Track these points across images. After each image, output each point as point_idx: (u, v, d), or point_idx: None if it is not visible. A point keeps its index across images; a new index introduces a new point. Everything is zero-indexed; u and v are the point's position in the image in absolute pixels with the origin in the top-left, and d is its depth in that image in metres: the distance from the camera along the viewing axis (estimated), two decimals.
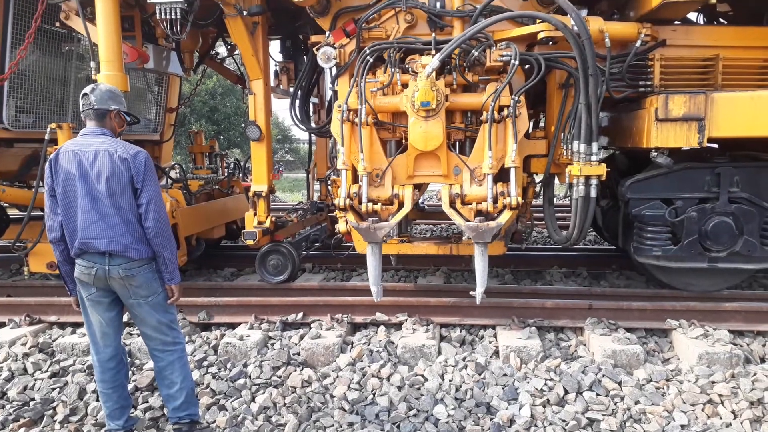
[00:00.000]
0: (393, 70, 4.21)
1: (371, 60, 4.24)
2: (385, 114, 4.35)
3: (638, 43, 4.31)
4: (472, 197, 4.12)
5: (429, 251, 4.74)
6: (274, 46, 6.46)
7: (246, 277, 6.20)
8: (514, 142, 3.98)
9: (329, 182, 5.55)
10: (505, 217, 3.95)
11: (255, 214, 5.42)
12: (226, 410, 3.50)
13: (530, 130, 4.74)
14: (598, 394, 3.57)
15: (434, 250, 4.72)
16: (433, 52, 4.16)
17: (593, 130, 4.01)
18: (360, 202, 4.11)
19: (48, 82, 5.97)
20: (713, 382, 3.61)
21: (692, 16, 5.24)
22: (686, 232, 4.54)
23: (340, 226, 4.58)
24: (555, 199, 5.08)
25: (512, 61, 4.02)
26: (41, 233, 5.22)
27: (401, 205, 4.15)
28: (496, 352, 4.12)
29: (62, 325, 4.77)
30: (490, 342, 4.27)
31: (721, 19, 5.42)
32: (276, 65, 6.23)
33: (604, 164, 4.09)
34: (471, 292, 4.13)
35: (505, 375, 3.80)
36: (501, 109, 4.07)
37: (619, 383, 3.68)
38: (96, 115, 2.97)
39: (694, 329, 4.20)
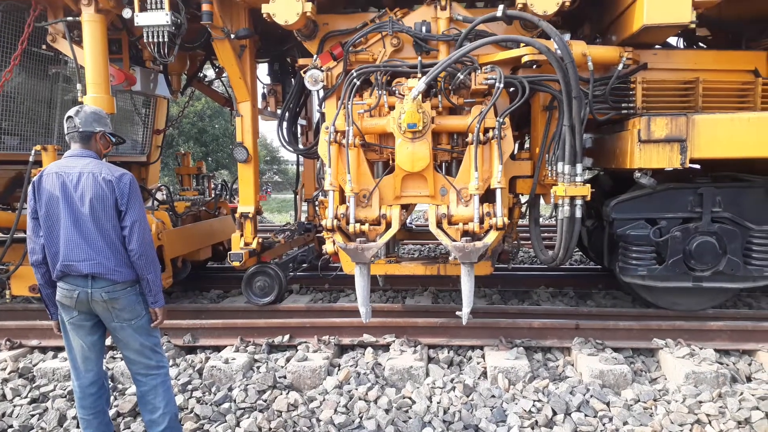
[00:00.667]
0: (380, 92, 4.25)
1: (358, 83, 4.28)
2: (372, 135, 4.38)
3: (620, 66, 4.39)
4: (458, 217, 4.14)
5: (416, 271, 4.73)
6: (262, 69, 6.50)
7: (232, 299, 6.14)
8: (499, 163, 4.02)
9: (317, 203, 5.54)
10: (492, 237, 3.97)
11: (242, 235, 5.40)
12: None
13: (515, 152, 4.79)
14: (586, 415, 3.56)
15: (422, 271, 4.71)
16: (419, 75, 4.21)
17: (577, 151, 4.06)
18: (347, 223, 4.12)
19: (34, 104, 5.95)
20: (700, 402, 3.61)
21: (672, 40, 5.37)
22: (670, 251, 4.58)
23: (328, 247, 4.57)
24: (541, 219, 5.09)
25: (497, 84, 4.07)
26: (24, 256, 5.16)
27: (389, 226, 4.16)
28: (484, 373, 4.11)
29: (44, 350, 4.68)
30: (478, 363, 4.25)
31: (701, 44, 5.55)
32: (264, 87, 6.26)
33: (588, 185, 4.14)
34: (457, 312, 4.12)
35: (493, 396, 3.77)
36: (486, 131, 4.11)
37: (607, 404, 3.66)
38: (81, 137, 2.95)
39: (681, 348, 4.22)
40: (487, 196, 4.17)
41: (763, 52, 4.70)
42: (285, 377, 4.07)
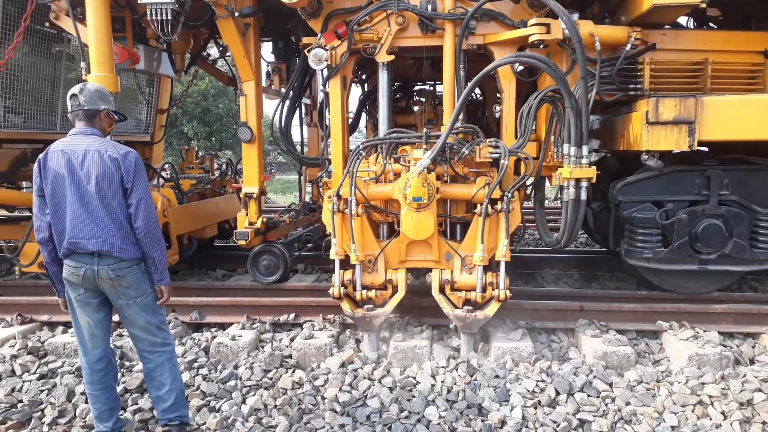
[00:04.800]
0: (384, 161, 4.22)
1: (364, 154, 4.25)
2: (378, 200, 4.35)
3: (628, 47, 4.33)
4: (461, 285, 4.16)
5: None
6: (267, 47, 6.45)
7: (238, 277, 6.18)
8: (505, 237, 3.98)
9: (320, 183, 5.52)
10: (493, 309, 4.03)
11: (246, 214, 5.42)
12: (217, 412, 3.48)
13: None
14: (589, 396, 3.58)
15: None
16: (424, 146, 4.14)
17: (583, 133, 4.03)
18: (354, 290, 4.15)
19: (38, 83, 5.92)
20: (703, 384, 3.63)
21: (683, 20, 5.29)
22: (677, 234, 4.57)
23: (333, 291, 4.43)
24: (546, 201, 5.07)
25: (502, 161, 4.02)
26: (29, 233, 5.19)
27: (395, 290, 4.19)
28: (488, 353, 4.13)
29: (53, 325, 4.74)
30: (483, 343, 4.27)
31: (711, 24, 5.47)
32: (268, 66, 6.22)
33: (594, 167, 4.11)
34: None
35: (496, 376, 3.80)
36: (494, 202, 4.07)
37: (610, 384, 3.69)
38: (86, 115, 2.95)
39: (685, 331, 4.23)
40: (491, 264, 4.16)
41: None
42: (290, 356, 4.10)
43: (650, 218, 4.57)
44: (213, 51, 7.70)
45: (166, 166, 7.02)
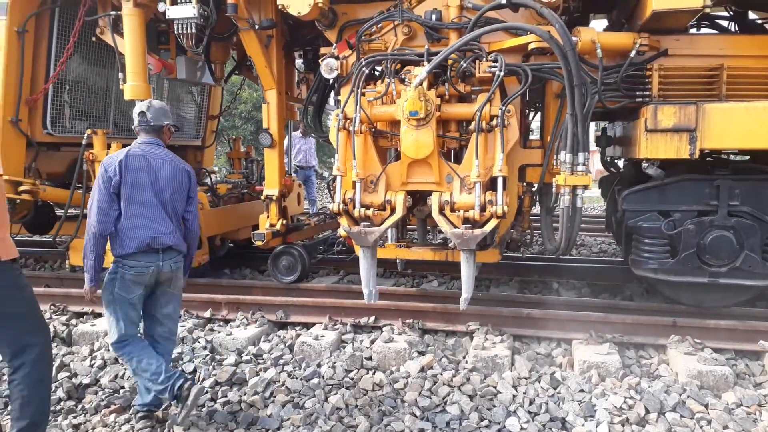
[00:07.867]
0: (389, 80, 4.25)
1: (366, 71, 4.29)
2: (384, 122, 4.38)
3: (633, 53, 4.24)
4: (460, 205, 4.11)
5: (425, 257, 4.77)
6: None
7: (320, 279, 6.33)
8: (501, 151, 3.96)
9: (331, 186, 5.66)
10: (491, 225, 3.96)
11: (267, 217, 5.64)
12: (301, 409, 3.52)
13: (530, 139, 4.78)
14: (682, 416, 3.40)
15: (430, 256, 4.72)
16: (425, 63, 4.15)
17: (579, 140, 3.96)
18: (354, 207, 4.18)
19: (98, 91, 6.29)
20: None
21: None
22: (683, 245, 4.34)
23: (341, 231, 4.62)
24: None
25: (497, 72, 4.01)
26: (77, 229, 5.55)
27: (393, 211, 4.18)
28: (572, 367, 4.01)
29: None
30: (566, 356, 4.16)
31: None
32: (298, 76, 6.37)
33: (589, 175, 4.03)
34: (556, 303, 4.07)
35: (581, 391, 3.67)
36: (491, 118, 4.05)
37: (706, 406, 3.49)
38: (153, 129, 3.40)
39: None
40: (493, 184, 4.11)
41: None
42: (370, 358, 4.13)
43: (656, 228, 4.37)
44: None
45: (203, 171, 7.28)
